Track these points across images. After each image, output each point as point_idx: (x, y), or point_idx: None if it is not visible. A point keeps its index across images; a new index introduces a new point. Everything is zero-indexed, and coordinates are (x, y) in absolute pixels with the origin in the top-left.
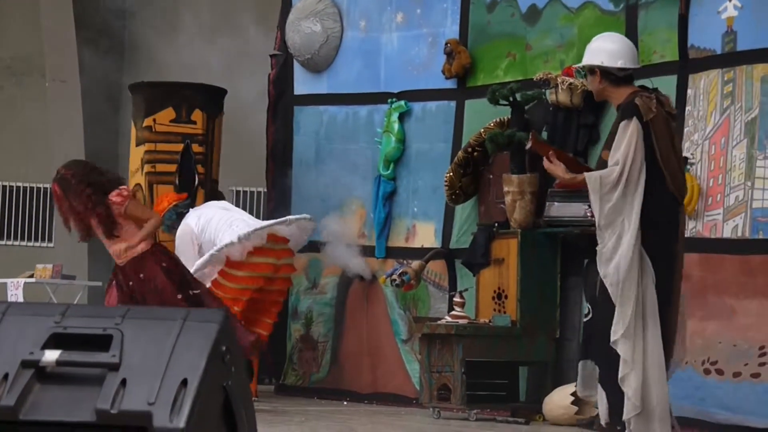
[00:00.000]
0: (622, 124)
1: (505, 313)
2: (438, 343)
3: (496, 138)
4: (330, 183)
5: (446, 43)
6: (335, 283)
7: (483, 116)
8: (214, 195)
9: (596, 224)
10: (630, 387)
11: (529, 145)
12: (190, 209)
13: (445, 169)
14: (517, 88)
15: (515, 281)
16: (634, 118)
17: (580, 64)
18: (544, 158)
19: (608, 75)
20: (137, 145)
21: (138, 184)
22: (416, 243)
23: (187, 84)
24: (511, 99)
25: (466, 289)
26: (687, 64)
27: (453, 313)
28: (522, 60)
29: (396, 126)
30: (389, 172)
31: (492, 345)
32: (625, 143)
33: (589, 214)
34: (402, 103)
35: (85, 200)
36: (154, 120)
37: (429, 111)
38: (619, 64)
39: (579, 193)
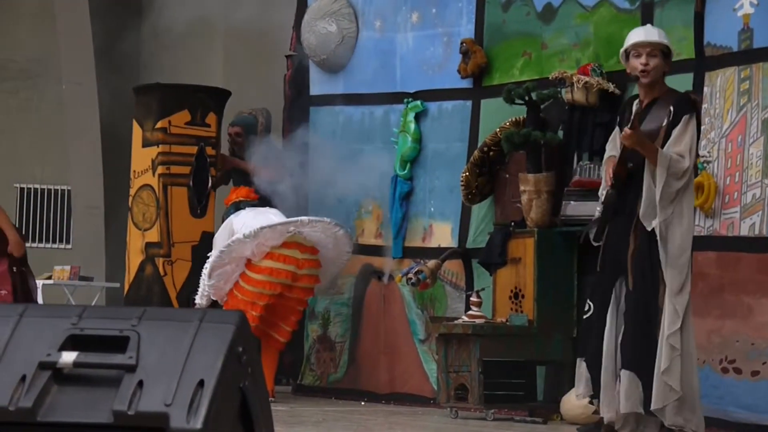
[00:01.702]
0: (685, 117)
1: (522, 312)
2: (455, 342)
3: (511, 137)
4: (346, 183)
5: (462, 43)
6: (352, 283)
7: (499, 115)
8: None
9: (656, 199)
10: (674, 374)
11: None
12: (248, 208)
13: (461, 169)
14: (532, 87)
15: (532, 280)
16: (694, 114)
17: (663, 41)
18: (631, 127)
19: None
20: (144, 146)
21: (148, 185)
22: (433, 243)
23: (201, 87)
24: (526, 98)
25: (483, 289)
26: (703, 62)
27: (470, 312)
28: (537, 59)
29: (412, 126)
30: (406, 172)
31: (509, 344)
32: (689, 138)
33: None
34: (418, 102)
35: None
36: (170, 122)
37: (445, 111)
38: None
39: (595, 192)
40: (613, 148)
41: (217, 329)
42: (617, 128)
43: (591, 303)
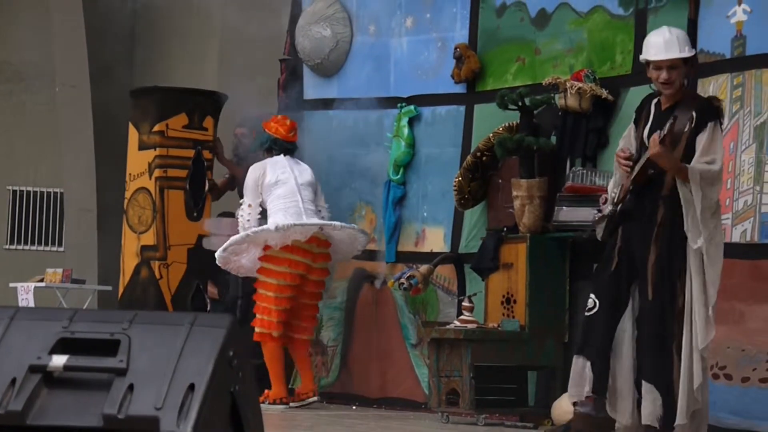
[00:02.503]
0: (711, 124)
1: (513, 317)
2: (447, 347)
3: (504, 142)
4: (340, 187)
5: (455, 48)
6: (345, 287)
7: (492, 121)
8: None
9: (697, 220)
10: (704, 389)
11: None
12: (282, 155)
13: (454, 174)
14: (526, 93)
15: (524, 286)
16: (718, 121)
17: (684, 55)
18: (653, 140)
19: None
20: (141, 149)
21: (144, 188)
22: (426, 247)
23: (199, 90)
24: (520, 103)
25: (475, 294)
26: (696, 69)
27: (462, 317)
28: (531, 64)
29: (405, 130)
30: (399, 176)
31: (501, 350)
32: (719, 144)
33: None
34: (411, 107)
35: None
36: (167, 125)
37: (438, 115)
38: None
39: (587, 197)
40: (626, 144)
41: (208, 333)
42: (632, 125)
43: (597, 300)
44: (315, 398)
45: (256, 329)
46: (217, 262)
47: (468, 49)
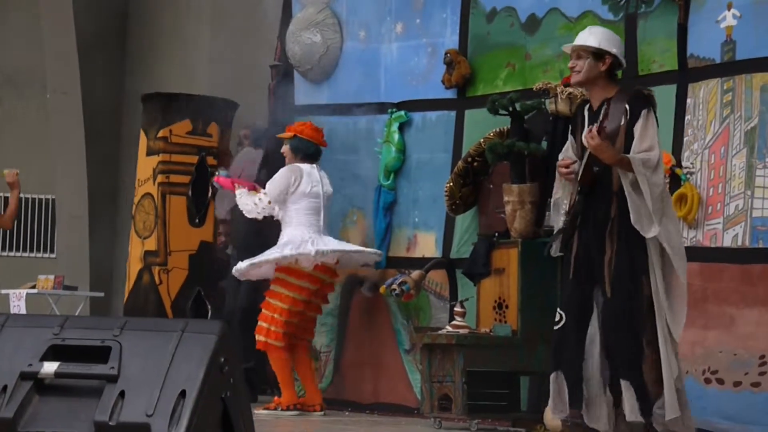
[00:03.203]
0: (644, 112)
1: (505, 322)
2: (439, 353)
3: (495, 148)
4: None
5: (446, 53)
6: (338, 293)
7: (483, 126)
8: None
9: (648, 209)
10: (675, 374)
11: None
12: (310, 164)
13: (445, 179)
14: (516, 98)
15: (516, 291)
16: (650, 108)
17: (591, 44)
18: (589, 134)
19: (615, 67)
20: (148, 155)
21: (148, 194)
22: (417, 253)
23: (204, 97)
24: (510, 109)
25: (467, 299)
26: (686, 74)
27: (454, 322)
28: (521, 70)
29: (396, 136)
30: (390, 182)
31: (493, 355)
32: (652, 132)
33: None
34: (402, 113)
35: None
36: (170, 131)
37: (429, 121)
38: (623, 61)
39: None
40: (565, 157)
41: (199, 339)
42: (570, 137)
43: (562, 313)
44: (321, 413)
45: (260, 338)
46: (235, 273)
47: (458, 54)
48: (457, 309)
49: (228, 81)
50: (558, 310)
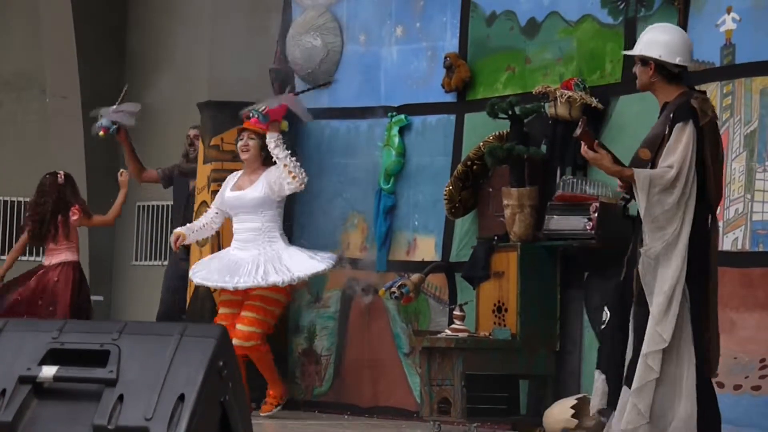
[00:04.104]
0: (678, 126)
1: (505, 326)
2: (438, 356)
3: (495, 151)
4: (331, 197)
5: (446, 57)
6: (338, 296)
7: (482, 130)
8: None
9: (642, 222)
10: (645, 399)
11: (578, 132)
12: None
13: (445, 183)
14: (516, 102)
15: (515, 294)
16: (690, 122)
17: (633, 52)
18: (586, 149)
19: (663, 70)
20: (204, 163)
21: (204, 201)
22: (417, 256)
23: (250, 104)
24: (510, 112)
25: (466, 303)
26: (686, 77)
27: (453, 326)
28: (521, 73)
29: (396, 140)
30: (390, 185)
31: (492, 358)
32: (682, 147)
33: (588, 228)
34: (402, 116)
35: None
36: (222, 139)
37: (429, 125)
38: (677, 60)
39: (578, 206)
40: None
41: (198, 343)
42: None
43: (608, 312)
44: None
45: (246, 343)
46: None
47: (458, 58)
48: (457, 312)
49: (228, 84)
50: (605, 307)
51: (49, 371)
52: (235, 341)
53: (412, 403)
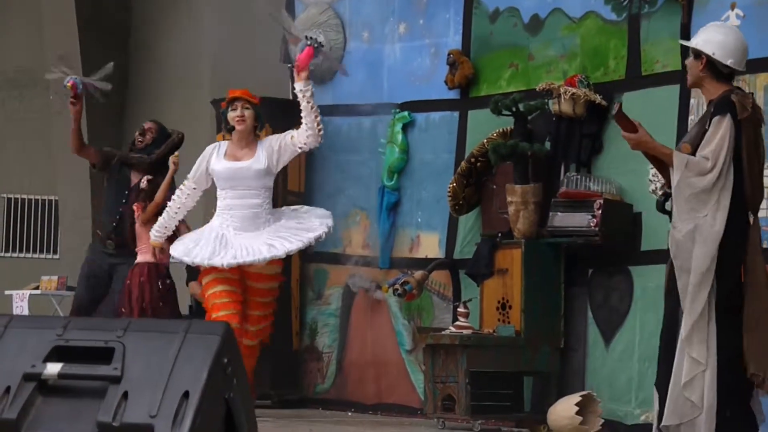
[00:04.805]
0: (716, 119)
1: (509, 323)
2: (442, 353)
3: (498, 148)
4: (334, 193)
5: (449, 54)
6: (340, 293)
7: (486, 126)
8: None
9: (674, 203)
10: (696, 391)
11: (613, 112)
12: None
13: (448, 180)
14: (519, 99)
15: (519, 291)
16: (728, 115)
17: (689, 43)
18: (625, 130)
19: (712, 67)
20: None
21: None
22: (420, 253)
23: (282, 100)
24: (513, 109)
25: (470, 300)
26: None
27: (457, 323)
28: (524, 70)
29: (399, 137)
30: (393, 182)
31: (496, 355)
32: (718, 139)
33: (592, 225)
34: (405, 113)
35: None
36: (223, 137)
37: (432, 121)
38: (729, 62)
39: (582, 203)
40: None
41: (202, 340)
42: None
43: (664, 325)
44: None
45: (260, 341)
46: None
47: (461, 55)
48: (461, 309)
49: (232, 82)
50: (663, 321)
51: (53, 368)
52: (244, 340)
53: (415, 400)
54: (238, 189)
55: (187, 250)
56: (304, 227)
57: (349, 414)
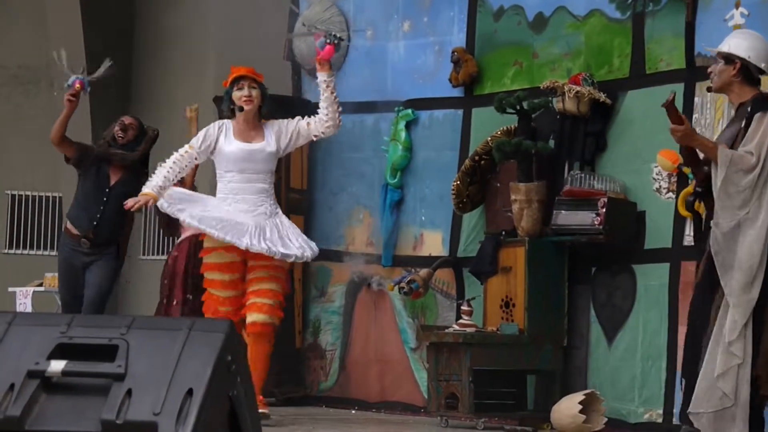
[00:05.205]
0: (758, 115)
1: (512, 321)
2: (446, 351)
3: (502, 146)
4: (337, 191)
5: (453, 52)
6: (343, 291)
7: (490, 124)
8: None
9: (716, 198)
10: (729, 383)
11: (668, 100)
12: None
13: (452, 178)
14: (523, 97)
15: (523, 289)
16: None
17: (721, 48)
18: (673, 122)
19: (745, 71)
20: None
21: None
22: (424, 251)
23: (292, 98)
24: (517, 107)
25: (474, 298)
26: (694, 72)
27: (460, 321)
28: (529, 68)
29: (403, 134)
30: (396, 180)
31: (500, 353)
32: (760, 135)
33: (596, 223)
34: (409, 111)
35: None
36: None
37: (436, 119)
38: (763, 65)
39: (586, 201)
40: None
41: (206, 338)
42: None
43: (689, 317)
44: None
45: (274, 317)
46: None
47: (465, 52)
48: (464, 308)
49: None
50: (688, 314)
51: (57, 366)
52: (259, 317)
53: (419, 398)
54: (246, 172)
55: (200, 216)
56: (303, 239)
57: (353, 412)
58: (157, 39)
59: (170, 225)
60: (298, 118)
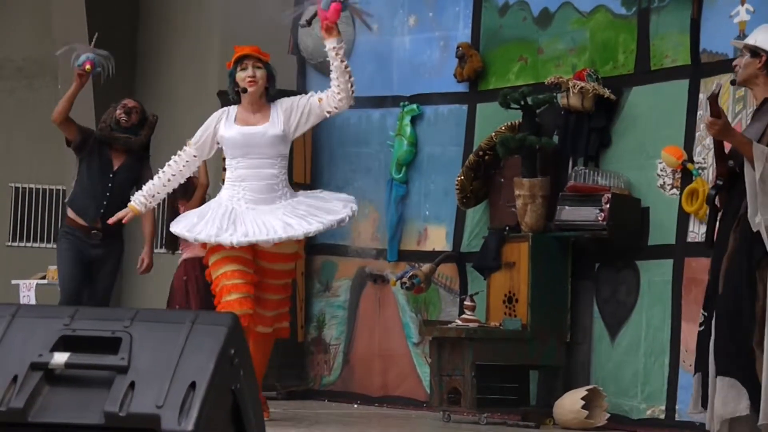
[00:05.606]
0: None
1: (515, 316)
2: (448, 346)
3: (507, 142)
4: (342, 186)
5: (458, 47)
6: (348, 285)
7: (494, 120)
8: None
9: (749, 193)
10: None
11: (713, 91)
12: None
13: (456, 173)
14: (528, 92)
15: (526, 285)
16: None
17: (748, 41)
18: (712, 115)
19: None
20: None
21: None
22: (428, 246)
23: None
24: (522, 103)
25: (477, 293)
26: (699, 69)
27: (463, 316)
28: (534, 64)
29: (408, 129)
30: (401, 175)
31: (502, 349)
32: None
33: (600, 219)
34: (414, 106)
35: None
36: None
37: (441, 114)
38: None
39: (589, 197)
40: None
41: (209, 331)
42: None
43: (705, 314)
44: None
45: (275, 329)
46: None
47: (470, 48)
48: (467, 303)
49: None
50: (702, 310)
51: (60, 358)
52: (261, 329)
53: (421, 393)
54: (251, 157)
55: (190, 225)
56: (324, 208)
57: (355, 406)
58: (162, 33)
59: (171, 240)
60: (311, 93)
